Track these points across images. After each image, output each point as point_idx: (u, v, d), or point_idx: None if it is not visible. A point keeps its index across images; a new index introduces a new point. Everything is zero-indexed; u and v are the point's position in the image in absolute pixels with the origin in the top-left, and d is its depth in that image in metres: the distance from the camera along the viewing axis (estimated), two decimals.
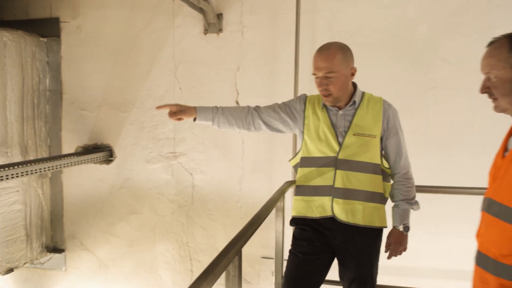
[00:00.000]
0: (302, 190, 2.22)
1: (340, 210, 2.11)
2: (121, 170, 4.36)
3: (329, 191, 2.13)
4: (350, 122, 2.12)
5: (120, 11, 4.25)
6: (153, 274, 4.36)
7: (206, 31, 4.01)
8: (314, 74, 2.09)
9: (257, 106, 2.29)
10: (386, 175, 2.19)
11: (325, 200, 2.14)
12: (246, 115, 2.25)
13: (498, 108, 1.49)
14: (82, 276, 4.58)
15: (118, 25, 4.27)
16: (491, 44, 1.48)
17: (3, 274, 4.02)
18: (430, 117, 3.57)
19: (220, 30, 3.98)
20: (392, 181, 2.24)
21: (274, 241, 2.66)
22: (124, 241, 4.41)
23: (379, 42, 3.63)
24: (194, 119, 2.22)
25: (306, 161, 2.21)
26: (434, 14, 3.50)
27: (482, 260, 1.50)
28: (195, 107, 2.21)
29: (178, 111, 2.18)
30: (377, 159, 2.12)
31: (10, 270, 4.07)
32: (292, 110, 2.25)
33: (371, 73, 3.58)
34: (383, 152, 2.17)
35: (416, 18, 3.54)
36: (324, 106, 2.17)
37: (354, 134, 2.10)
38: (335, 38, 3.61)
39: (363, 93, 2.19)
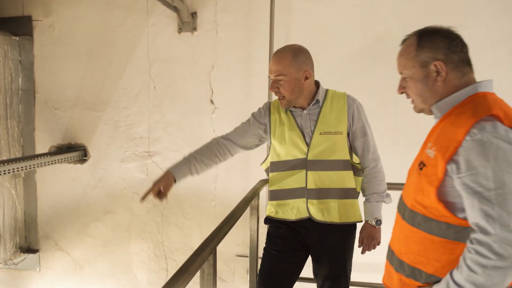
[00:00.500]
0: (275, 194, 2.23)
1: (316, 210, 2.12)
2: (95, 169, 4.33)
3: (303, 193, 2.13)
4: (316, 121, 2.12)
5: (93, 10, 4.21)
6: (128, 273, 4.35)
7: (180, 30, 4.01)
8: (269, 76, 2.13)
9: (225, 136, 2.25)
10: (357, 170, 2.19)
11: (300, 203, 2.15)
12: (218, 149, 2.20)
13: (416, 108, 1.51)
14: (57, 277, 4.53)
15: (91, 23, 4.23)
16: (402, 42, 1.47)
17: None
18: (403, 115, 3.61)
19: (195, 28, 3.99)
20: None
21: (248, 239, 2.69)
22: (98, 241, 4.39)
23: (353, 40, 3.67)
24: (175, 181, 2.10)
25: (276, 166, 2.21)
26: (407, 13, 3.54)
27: (389, 254, 1.53)
28: (169, 172, 2.10)
29: (161, 188, 2.06)
30: (346, 156, 2.12)
31: None
32: (260, 121, 2.24)
33: (345, 71, 3.63)
34: (351, 148, 2.16)
35: (390, 17, 3.59)
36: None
37: (320, 133, 2.10)
38: (310, 37, 3.70)
39: (326, 91, 2.18)
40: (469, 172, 1.21)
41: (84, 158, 4.34)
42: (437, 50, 1.36)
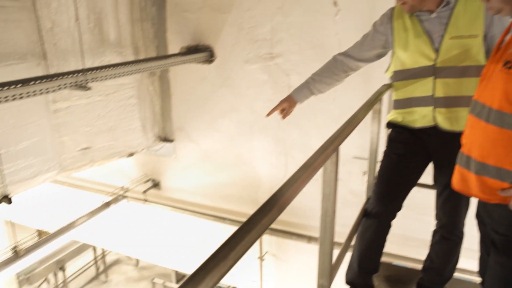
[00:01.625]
0: (400, 103, 2.19)
1: (443, 119, 2.06)
2: (221, 70, 4.58)
3: (430, 101, 2.07)
4: (446, 24, 1.97)
5: None
6: (251, 166, 4.75)
7: None
8: None
9: (345, 52, 2.26)
10: None
11: (426, 111, 2.09)
12: (338, 67, 2.27)
13: (492, 10, 1.41)
14: (189, 163, 5.12)
15: None
16: None
17: (127, 157, 4.67)
18: None
19: None
20: None
21: (368, 142, 2.71)
22: (225, 135, 4.79)
23: None
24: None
25: (401, 74, 2.14)
26: None
27: (464, 160, 1.54)
28: (291, 95, 2.39)
29: (284, 109, 2.39)
30: (480, 61, 1.97)
31: (131, 154, 4.69)
32: (380, 30, 2.15)
33: None
34: (487, 52, 1.98)
35: None
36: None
37: (451, 38, 1.96)
38: None
39: None
40: None
41: (211, 59, 4.60)
42: None
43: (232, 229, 4.81)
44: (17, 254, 4.02)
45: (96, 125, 4.29)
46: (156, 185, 5.40)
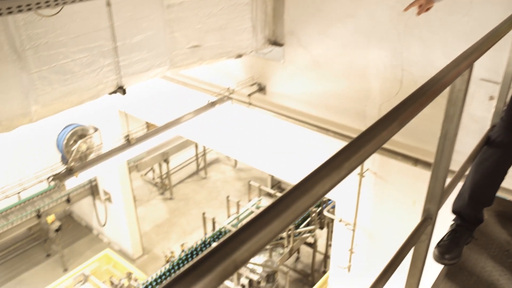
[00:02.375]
0: None
1: None
2: None
3: None
4: None
5: None
6: (363, 78, 4.48)
7: None
8: None
9: None
10: None
11: None
12: None
13: None
14: (297, 70, 4.99)
15: None
16: None
17: (235, 58, 4.66)
18: None
19: None
20: None
21: (503, 63, 2.38)
22: (338, 43, 4.52)
23: None
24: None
25: None
26: None
27: None
28: None
29: (422, 5, 2.43)
30: None
31: (239, 56, 4.67)
32: None
33: None
34: None
35: None
36: None
37: None
38: None
39: None
40: None
41: None
42: None
43: (334, 141, 4.79)
44: (129, 142, 4.34)
45: (207, 23, 4.27)
46: (261, 89, 5.39)
